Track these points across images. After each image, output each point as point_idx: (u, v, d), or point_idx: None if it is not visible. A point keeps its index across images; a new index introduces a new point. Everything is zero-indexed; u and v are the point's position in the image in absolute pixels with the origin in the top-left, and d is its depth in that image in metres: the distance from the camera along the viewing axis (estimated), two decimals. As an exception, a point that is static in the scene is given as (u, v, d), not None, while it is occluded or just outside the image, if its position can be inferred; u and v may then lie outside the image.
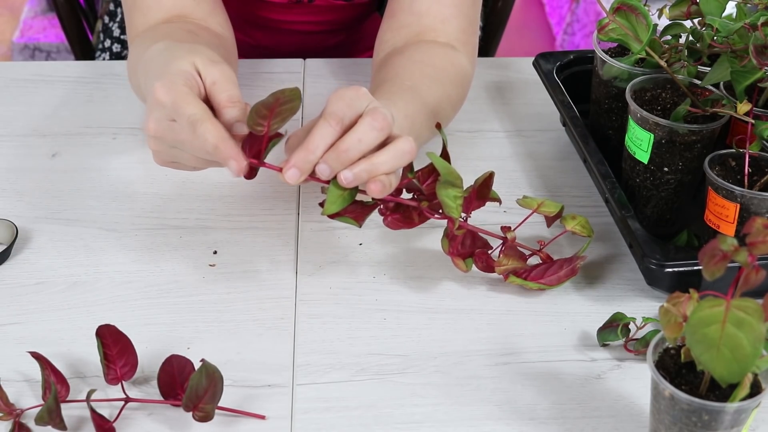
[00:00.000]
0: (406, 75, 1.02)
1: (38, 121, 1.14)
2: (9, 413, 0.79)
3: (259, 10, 1.28)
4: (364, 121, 0.82)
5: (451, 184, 0.87)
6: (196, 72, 0.84)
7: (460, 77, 1.08)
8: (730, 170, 0.91)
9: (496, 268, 0.92)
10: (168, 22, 1.07)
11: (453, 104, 1.07)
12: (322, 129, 0.82)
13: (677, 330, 0.71)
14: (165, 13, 1.08)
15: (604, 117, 1.05)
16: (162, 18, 1.08)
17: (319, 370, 0.85)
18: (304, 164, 0.82)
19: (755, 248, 0.64)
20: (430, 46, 1.08)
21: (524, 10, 3.09)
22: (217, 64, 0.84)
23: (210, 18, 1.10)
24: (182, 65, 0.84)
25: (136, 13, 1.09)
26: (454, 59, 1.08)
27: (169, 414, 0.81)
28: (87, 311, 0.90)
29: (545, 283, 0.92)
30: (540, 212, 0.94)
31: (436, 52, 1.08)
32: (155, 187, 1.05)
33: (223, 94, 0.83)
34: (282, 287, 0.93)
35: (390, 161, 0.83)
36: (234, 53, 1.13)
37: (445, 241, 0.91)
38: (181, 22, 1.07)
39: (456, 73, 1.08)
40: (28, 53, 2.66)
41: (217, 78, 0.83)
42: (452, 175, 0.87)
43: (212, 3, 1.11)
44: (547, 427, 0.81)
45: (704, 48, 0.95)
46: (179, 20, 1.08)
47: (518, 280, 0.92)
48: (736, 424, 0.71)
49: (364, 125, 0.82)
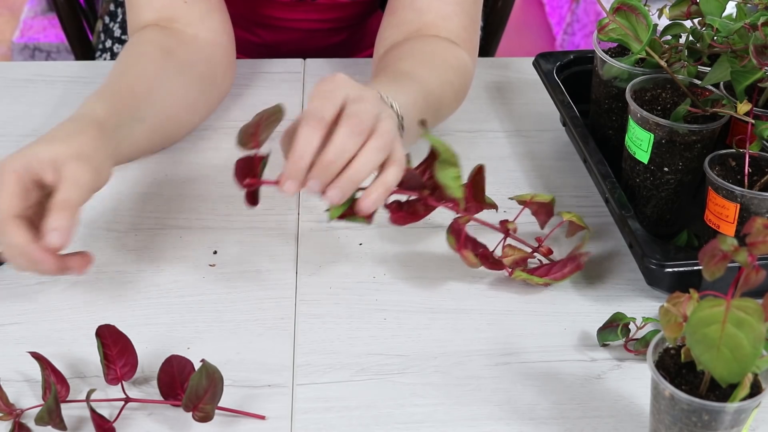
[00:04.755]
0: (404, 61, 1.02)
1: (38, 121, 1.14)
2: (9, 413, 0.79)
3: (263, 9, 1.28)
4: (341, 131, 0.81)
5: (449, 163, 0.87)
6: (51, 163, 0.82)
7: (462, 68, 1.08)
8: (730, 170, 0.91)
9: (504, 260, 0.92)
10: (156, 27, 1.08)
11: (455, 92, 1.07)
12: (305, 134, 0.81)
13: (677, 330, 0.71)
14: (155, 13, 1.09)
15: (604, 117, 1.05)
16: (153, 18, 1.09)
17: (319, 370, 0.85)
18: (296, 173, 0.81)
19: (755, 248, 0.64)
20: (430, 39, 1.08)
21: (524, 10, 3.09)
22: (75, 163, 0.82)
23: (202, 22, 1.10)
24: (41, 152, 0.82)
25: (131, 12, 1.11)
26: (455, 51, 1.08)
27: (169, 414, 0.81)
28: (87, 311, 0.90)
29: (552, 278, 0.92)
30: (534, 202, 0.94)
31: (436, 43, 1.08)
32: (155, 187, 1.05)
33: (59, 195, 0.81)
34: (282, 287, 0.93)
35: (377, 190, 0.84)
36: (228, 58, 1.13)
37: (451, 238, 0.90)
38: (165, 34, 1.08)
39: (457, 63, 1.07)
40: (28, 53, 2.66)
41: (67, 177, 0.81)
42: (448, 153, 0.87)
43: (206, 5, 1.10)
44: (547, 427, 0.81)
45: (704, 48, 0.95)
46: (167, 26, 1.09)
47: (524, 274, 0.92)
48: (736, 424, 0.71)
49: (341, 134, 0.81)
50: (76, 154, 0.83)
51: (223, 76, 1.12)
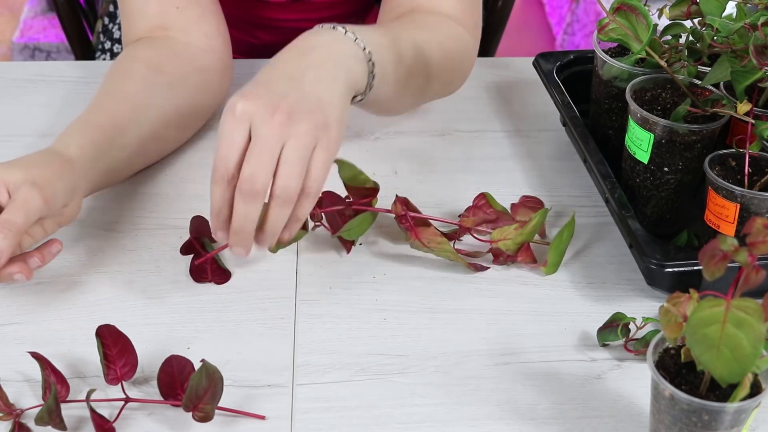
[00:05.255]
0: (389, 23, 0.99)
1: (38, 121, 1.14)
2: (9, 413, 0.79)
3: (258, 11, 1.28)
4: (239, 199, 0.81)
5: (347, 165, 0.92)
6: (5, 184, 0.85)
7: (457, 37, 1.04)
8: (730, 170, 0.91)
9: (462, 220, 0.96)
10: (147, 41, 1.08)
11: (448, 56, 1.03)
12: (215, 193, 0.82)
13: (677, 330, 0.71)
14: (148, 22, 1.09)
15: (604, 117, 1.05)
16: (147, 27, 1.09)
17: (319, 370, 0.85)
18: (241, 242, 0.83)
19: (755, 248, 0.64)
20: (423, 14, 1.05)
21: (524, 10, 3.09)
22: (28, 188, 0.84)
23: (195, 28, 1.10)
24: (2, 173, 0.85)
25: (125, 21, 1.11)
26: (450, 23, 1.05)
27: (169, 414, 0.81)
28: (87, 311, 0.90)
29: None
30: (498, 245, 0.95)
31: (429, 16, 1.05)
32: (155, 187, 1.05)
33: (4, 215, 0.83)
34: (282, 287, 0.93)
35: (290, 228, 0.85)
36: (223, 62, 1.13)
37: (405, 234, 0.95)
38: (156, 48, 1.08)
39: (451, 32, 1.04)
40: (28, 53, 2.66)
41: (16, 200, 0.83)
42: (346, 164, 0.92)
43: (199, 10, 1.10)
44: (547, 427, 0.81)
45: (704, 48, 0.95)
46: (160, 35, 1.09)
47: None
48: (736, 424, 0.71)
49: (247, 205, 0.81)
50: (31, 181, 0.85)
51: (219, 82, 1.12)
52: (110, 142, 0.97)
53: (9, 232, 0.82)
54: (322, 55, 0.87)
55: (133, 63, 1.06)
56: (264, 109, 0.80)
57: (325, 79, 0.85)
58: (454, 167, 1.09)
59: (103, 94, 1.02)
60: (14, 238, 0.82)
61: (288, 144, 0.80)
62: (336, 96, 0.85)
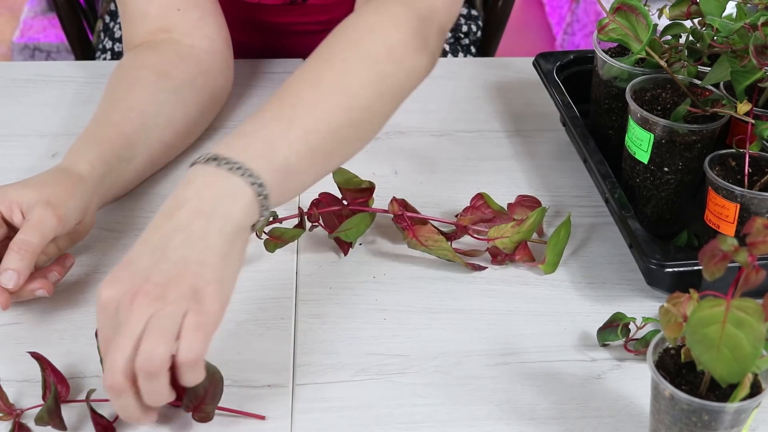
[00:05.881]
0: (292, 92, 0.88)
1: (38, 121, 1.14)
2: (9, 413, 0.79)
3: (256, 14, 1.27)
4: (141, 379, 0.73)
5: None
6: (18, 205, 0.87)
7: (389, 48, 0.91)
8: (730, 170, 0.91)
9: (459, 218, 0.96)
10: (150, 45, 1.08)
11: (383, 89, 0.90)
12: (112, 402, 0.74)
13: (677, 330, 0.71)
14: (151, 25, 1.09)
15: (604, 117, 1.05)
16: (148, 30, 1.09)
17: (319, 370, 0.85)
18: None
19: (755, 248, 0.64)
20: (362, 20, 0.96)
21: (524, 10, 3.09)
22: (42, 208, 0.86)
23: (197, 29, 1.10)
24: (11, 193, 0.88)
25: (126, 24, 1.11)
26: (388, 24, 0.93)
27: (169, 414, 0.81)
28: (87, 311, 0.90)
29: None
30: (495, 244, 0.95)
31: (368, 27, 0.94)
32: (155, 187, 1.05)
33: (19, 236, 0.85)
34: (282, 287, 0.93)
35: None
36: (226, 63, 1.13)
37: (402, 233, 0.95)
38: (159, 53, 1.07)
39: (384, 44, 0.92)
40: (28, 53, 2.66)
41: (30, 219, 0.86)
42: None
43: (200, 11, 1.10)
44: (547, 427, 0.81)
45: (704, 48, 0.95)
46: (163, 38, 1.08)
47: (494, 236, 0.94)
48: (736, 424, 0.71)
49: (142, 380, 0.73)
50: (45, 200, 0.87)
51: (223, 85, 1.12)
52: (119, 156, 0.97)
53: (26, 253, 0.85)
54: (189, 211, 0.76)
55: (139, 70, 1.06)
56: (123, 294, 0.73)
57: (192, 239, 0.75)
58: (454, 167, 1.09)
59: (109, 104, 1.02)
60: (31, 258, 0.85)
61: (152, 318, 0.72)
62: (209, 253, 0.75)
